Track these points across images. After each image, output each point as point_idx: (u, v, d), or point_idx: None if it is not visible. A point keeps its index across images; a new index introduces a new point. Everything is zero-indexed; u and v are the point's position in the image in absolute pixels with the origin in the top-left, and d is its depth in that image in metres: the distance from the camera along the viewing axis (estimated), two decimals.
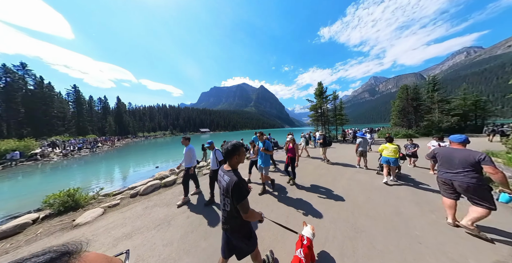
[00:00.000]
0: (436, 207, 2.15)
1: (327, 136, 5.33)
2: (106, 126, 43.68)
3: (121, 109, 54.49)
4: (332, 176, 3.73)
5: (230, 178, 0.94)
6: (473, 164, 1.53)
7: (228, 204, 0.97)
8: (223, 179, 0.99)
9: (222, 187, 1.00)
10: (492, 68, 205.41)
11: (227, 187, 0.93)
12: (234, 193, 0.90)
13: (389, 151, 3.11)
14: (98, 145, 20.63)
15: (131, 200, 2.97)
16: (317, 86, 12.58)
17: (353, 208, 2.23)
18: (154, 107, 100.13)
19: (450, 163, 1.69)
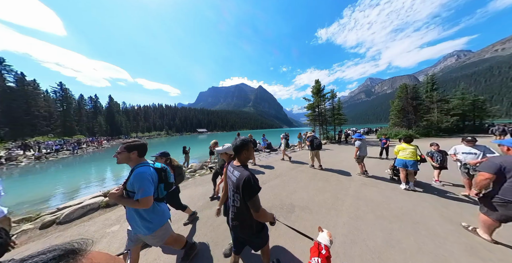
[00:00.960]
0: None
1: (317, 137, 4.45)
2: (96, 126, 41.66)
3: (113, 109, 52.44)
4: (332, 192, 2.78)
5: (240, 173, 0.92)
6: None
7: (238, 200, 0.94)
8: (233, 175, 0.97)
9: (232, 183, 0.98)
10: (481, 71, 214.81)
11: (238, 182, 0.90)
12: (245, 188, 0.87)
13: (407, 152, 2.68)
14: (82, 146, 19.22)
15: (38, 233, 2.00)
16: (315, 84, 11.84)
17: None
18: (150, 107, 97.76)
19: None
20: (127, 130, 54.73)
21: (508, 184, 1.27)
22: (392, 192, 2.66)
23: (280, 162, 5.22)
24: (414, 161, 2.62)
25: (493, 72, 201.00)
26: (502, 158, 1.33)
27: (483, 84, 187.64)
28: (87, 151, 18.43)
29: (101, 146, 21.82)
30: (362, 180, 3.32)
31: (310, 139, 4.28)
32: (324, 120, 12.20)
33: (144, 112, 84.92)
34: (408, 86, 13.81)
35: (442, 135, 12.67)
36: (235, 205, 0.96)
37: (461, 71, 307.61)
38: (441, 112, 13.13)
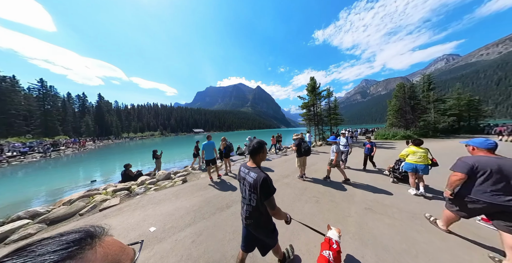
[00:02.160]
0: None
1: (305, 140, 3.69)
2: (83, 126, 39.29)
3: (102, 108, 49.92)
4: (322, 225, 1.76)
5: (257, 174, 0.95)
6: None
7: (254, 200, 0.98)
8: (248, 176, 0.99)
9: (247, 183, 1.00)
10: (468, 74, 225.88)
11: (255, 183, 0.94)
12: (262, 189, 0.91)
13: (418, 156, 2.53)
14: (61, 148, 17.56)
15: None
16: (310, 81, 11.10)
17: None
18: (144, 106, 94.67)
19: (505, 179, 1.17)
20: (117, 131, 52.24)
21: (479, 183, 1.27)
22: (414, 226, 1.71)
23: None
24: (425, 165, 2.45)
25: (479, 75, 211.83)
26: (475, 158, 1.32)
27: (471, 86, 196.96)
28: (65, 153, 16.84)
29: (82, 148, 20.17)
30: (364, 200, 2.45)
31: (296, 142, 3.42)
32: (320, 120, 11.51)
33: (138, 112, 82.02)
34: (406, 85, 13.43)
35: (439, 135, 12.36)
36: (251, 204, 1.00)
37: (450, 74, 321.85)
38: (437, 113, 12.91)
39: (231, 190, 3.07)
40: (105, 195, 3.06)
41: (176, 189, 3.31)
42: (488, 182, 1.23)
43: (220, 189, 3.13)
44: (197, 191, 3.09)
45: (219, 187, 3.29)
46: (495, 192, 1.20)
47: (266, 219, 1.00)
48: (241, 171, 1.07)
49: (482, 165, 1.26)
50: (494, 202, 1.20)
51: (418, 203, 2.30)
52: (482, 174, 1.25)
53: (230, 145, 4.14)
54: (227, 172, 4.14)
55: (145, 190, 3.41)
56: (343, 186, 3.09)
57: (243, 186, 1.04)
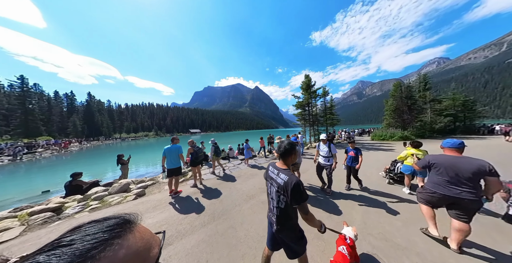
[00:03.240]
0: None
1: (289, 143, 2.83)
2: (70, 126, 37.17)
3: (92, 107, 47.63)
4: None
5: (288, 177, 0.91)
6: (480, 176, 1.29)
7: (283, 202, 0.93)
8: (278, 177, 0.95)
9: (276, 184, 0.96)
10: (458, 77, 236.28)
11: (286, 185, 0.90)
12: (295, 193, 0.87)
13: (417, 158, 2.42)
14: (38, 150, 16.11)
15: None
16: (304, 79, 10.50)
17: None
18: (139, 106, 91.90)
19: (456, 176, 1.34)
20: (108, 131, 50.01)
21: (435, 177, 1.47)
22: None
23: (241, 180, 3.61)
24: None
25: (468, 78, 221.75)
26: (435, 156, 1.52)
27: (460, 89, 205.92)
28: (42, 156, 15.44)
29: (64, 149, 18.72)
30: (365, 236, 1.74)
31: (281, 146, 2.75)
32: (315, 121, 10.93)
33: (131, 112, 79.41)
34: (402, 84, 13.15)
35: (436, 136, 12.10)
36: (280, 206, 0.95)
37: (441, 77, 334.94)
38: (434, 113, 12.71)
39: (196, 211, 2.28)
40: (17, 219, 2.22)
41: (119, 208, 2.52)
42: (443, 176, 1.40)
43: (180, 210, 2.37)
44: (147, 212, 2.32)
45: (180, 205, 2.52)
46: (448, 185, 1.37)
47: (295, 223, 0.98)
48: (270, 170, 1.05)
49: (437, 162, 1.45)
50: (447, 194, 1.37)
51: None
52: (437, 169, 1.44)
53: (198, 151, 3.35)
54: (197, 184, 3.36)
55: (82, 208, 2.59)
56: (331, 203, 2.39)
57: (271, 185, 1.01)
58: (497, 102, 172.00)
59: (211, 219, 2.06)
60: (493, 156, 4.82)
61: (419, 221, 1.80)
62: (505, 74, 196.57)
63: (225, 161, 5.76)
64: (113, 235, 0.21)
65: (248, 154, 5.18)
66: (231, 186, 3.23)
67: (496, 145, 7.19)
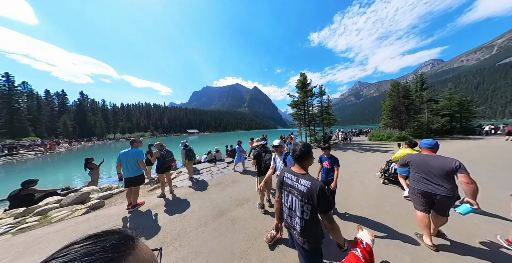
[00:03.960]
0: None
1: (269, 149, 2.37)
2: (59, 126, 35.77)
3: (84, 107, 46.18)
4: None
5: (311, 182, 0.84)
6: (450, 173, 1.36)
7: (308, 211, 0.84)
8: (298, 183, 0.87)
9: (297, 193, 0.87)
10: (451, 79, 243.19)
11: (310, 192, 0.82)
12: (321, 199, 0.80)
13: None
14: (19, 152, 15.18)
15: None
16: (299, 77, 10.12)
17: None
18: (135, 106, 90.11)
19: (429, 172, 1.45)
20: (102, 131, 48.55)
21: (412, 175, 1.59)
22: None
23: (219, 188, 3.13)
24: None
25: (461, 79, 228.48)
26: (412, 155, 1.65)
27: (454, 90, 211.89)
28: (24, 157, 14.53)
29: (50, 151, 17.78)
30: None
31: (255, 152, 2.27)
32: (311, 121, 10.56)
33: (127, 112, 77.67)
34: (400, 84, 12.95)
35: (433, 136, 11.94)
36: (304, 217, 0.85)
37: (435, 78, 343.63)
38: (431, 113, 12.56)
39: (146, 233, 1.78)
40: None
41: (58, 227, 2.00)
42: (418, 173, 1.52)
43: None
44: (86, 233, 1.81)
45: (132, 223, 2.04)
46: (424, 182, 1.47)
47: (320, 234, 0.89)
48: (286, 177, 0.94)
49: (413, 160, 1.58)
50: (423, 189, 1.47)
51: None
52: (412, 167, 1.58)
53: (166, 154, 2.85)
54: (165, 193, 2.85)
55: (10, 228, 2.07)
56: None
57: (290, 195, 0.91)
58: (488, 103, 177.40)
59: (159, 245, 1.59)
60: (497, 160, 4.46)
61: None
62: (496, 76, 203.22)
63: (211, 164, 5.27)
64: (117, 255, 0.19)
65: (240, 158, 4.38)
66: (205, 197, 2.74)
67: (497, 146, 6.94)
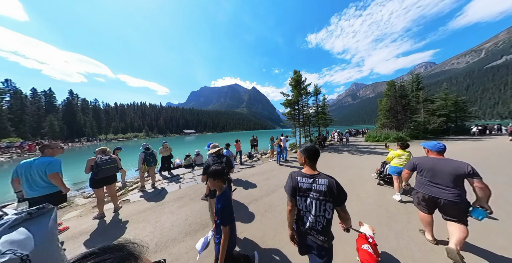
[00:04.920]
0: None
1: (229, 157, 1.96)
2: (45, 127, 33.89)
3: (74, 106, 44.15)
4: None
5: (327, 179, 0.88)
6: (460, 177, 1.33)
7: (330, 210, 0.86)
8: (316, 184, 0.88)
9: (316, 194, 0.87)
10: (443, 80, 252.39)
11: (330, 188, 0.85)
12: (340, 191, 0.86)
13: (403, 159, 2.52)
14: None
15: None
16: (293, 75, 9.59)
17: None
18: (130, 105, 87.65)
19: (438, 176, 1.41)
20: (92, 132, 46.57)
21: (418, 178, 1.57)
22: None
23: (181, 203, 2.51)
24: None
25: (452, 81, 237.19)
26: (419, 158, 1.59)
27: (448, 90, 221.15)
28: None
29: (28, 153, 16.48)
30: None
31: (205, 164, 1.68)
32: (306, 121, 10.05)
33: (120, 111, 75.35)
34: (396, 83, 12.70)
35: (430, 137, 11.70)
36: (326, 216, 0.86)
37: (428, 80, 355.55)
38: (427, 113, 12.37)
39: None
40: None
41: None
42: (426, 177, 1.48)
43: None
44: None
45: None
46: (430, 185, 1.44)
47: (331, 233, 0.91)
48: (301, 182, 0.91)
49: (421, 164, 1.53)
50: (427, 193, 1.44)
51: None
52: (420, 170, 1.53)
53: (102, 162, 2.14)
54: (102, 215, 2.18)
55: None
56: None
57: (308, 198, 0.89)
58: (478, 104, 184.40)
59: None
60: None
61: None
62: (484, 78, 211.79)
63: (187, 170, 4.59)
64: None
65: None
66: (152, 218, 2.09)
67: (495, 147, 6.58)
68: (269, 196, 2.64)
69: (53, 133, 34.80)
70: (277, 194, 2.72)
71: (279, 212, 2.12)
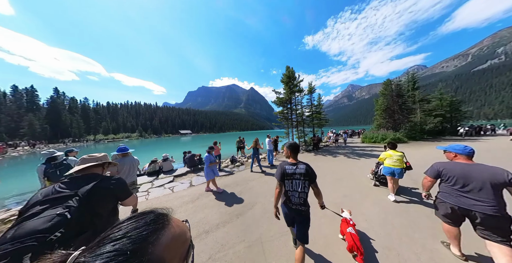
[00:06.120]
0: None
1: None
2: (24, 126, 31.47)
3: (58, 105, 41.53)
4: None
5: (305, 165, 1.24)
6: (499, 186, 1.15)
7: (307, 186, 1.22)
8: (298, 169, 1.22)
9: (298, 175, 1.21)
10: (434, 83, 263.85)
11: (307, 171, 1.21)
12: (312, 173, 1.22)
13: (394, 159, 2.51)
14: None
15: None
16: (285, 71, 8.89)
17: None
18: (123, 105, 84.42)
19: (471, 185, 1.21)
20: (80, 132, 44.01)
21: (443, 186, 1.37)
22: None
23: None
24: (401, 169, 2.47)
25: (442, 84, 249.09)
26: (444, 163, 1.39)
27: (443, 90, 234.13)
28: None
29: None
30: None
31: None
32: (301, 121, 9.36)
33: (112, 111, 72.28)
34: (393, 82, 12.32)
35: (426, 137, 11.35)
36: (305, 191, 1.21)
37: (420, 82, 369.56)
38: (423, 113, 12.07)
39: None
40: None
41: None
42: (454, 185, 1.28)
43: None
44: None
45: None
46: (460, 195, 1.25)
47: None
48: (287, 168, 1.24)
49: (447, 170, 1.33)
50: (457, 204, 1.26)
51: None
52: (447, 178, 1.32)
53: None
54: None
55: None
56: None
57: (294, 180, 1.22)
58: (466, 106, 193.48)
59: None
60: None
61: None
62: (471, 81, 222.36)
63: (150, 179, 3.71)
64: (158, 226, 0.25)
65: (210, 173, 2.87)
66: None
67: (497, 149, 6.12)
68: (228, 225, 1.85)
69: (34, 133, 32.38)
70: (241, 221, 1.93)
71: (237, 256, 1.40)
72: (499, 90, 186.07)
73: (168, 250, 0.24)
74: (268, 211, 2.11)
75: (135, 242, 0.21)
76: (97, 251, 0.20)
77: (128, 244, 0.21)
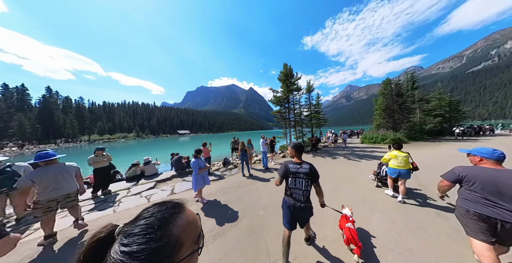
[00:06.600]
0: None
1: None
2: (13, 126, 30.33)
3: (51, 104, 40.28)
4: None
5: (309, 165, 1.29)
6: None
7: (309, 185, 1.28)
8: (302, 168, 1.27)
9: (302, 174, 1.26)
10: (430, 84, 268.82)
11: (310, 171, 1.26)
12: (315, 173, 1.28)
13: (399, 160, 2.40)
14: None
15: None
16: (283, 68, 8.53)
17: None
18: (119, 104, 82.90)
19: (502, 193, 1.09)
20: (73, 132, 42.81)
21: (465, 193, 1.27)
22: None
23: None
24: (407, 170, 2.38)
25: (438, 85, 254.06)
26: (466, 168, 1.27)
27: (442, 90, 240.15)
28: None
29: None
30: None
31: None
32: (299, 121, 9.02)
33: (108, 111, 70.84)
34: (392, 81, 12.12)
35: (426, 137, 11.17)
36: (308, 189, 1.28)
37: (418, 83, 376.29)
38: (423, 113, 11.90)
39: None
40: None
41: None
42: (479, 193, 1.17)
43: None
44: None
45: None
46: (488, 204, 1.13)
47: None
48: (291, 167, 1.29)
49: (471, 175, 1.21)
50: (485, 214, 1.14)
51: None
52: (471, 184, 1.20)
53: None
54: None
55: None
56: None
57: (296, 178, 1.27)
58: (461, 106, 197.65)
59: None
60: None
61: None
62: (466, 82, 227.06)
63: (129, 184, 3.28)
64: (177, 210, 0.32)
65: (198, 181, 2.41)
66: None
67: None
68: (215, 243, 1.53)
69: (23, 133, 31.23)
70: (217, 246, 1.54)
71: None
72: (492, 91, 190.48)
73: (183, 231, 0.30)
74: (255, 231, 1.74)
75: (160, 220, 0.28)
76: (136, 223, 0.28)
77: (155, 221, 0.28)
